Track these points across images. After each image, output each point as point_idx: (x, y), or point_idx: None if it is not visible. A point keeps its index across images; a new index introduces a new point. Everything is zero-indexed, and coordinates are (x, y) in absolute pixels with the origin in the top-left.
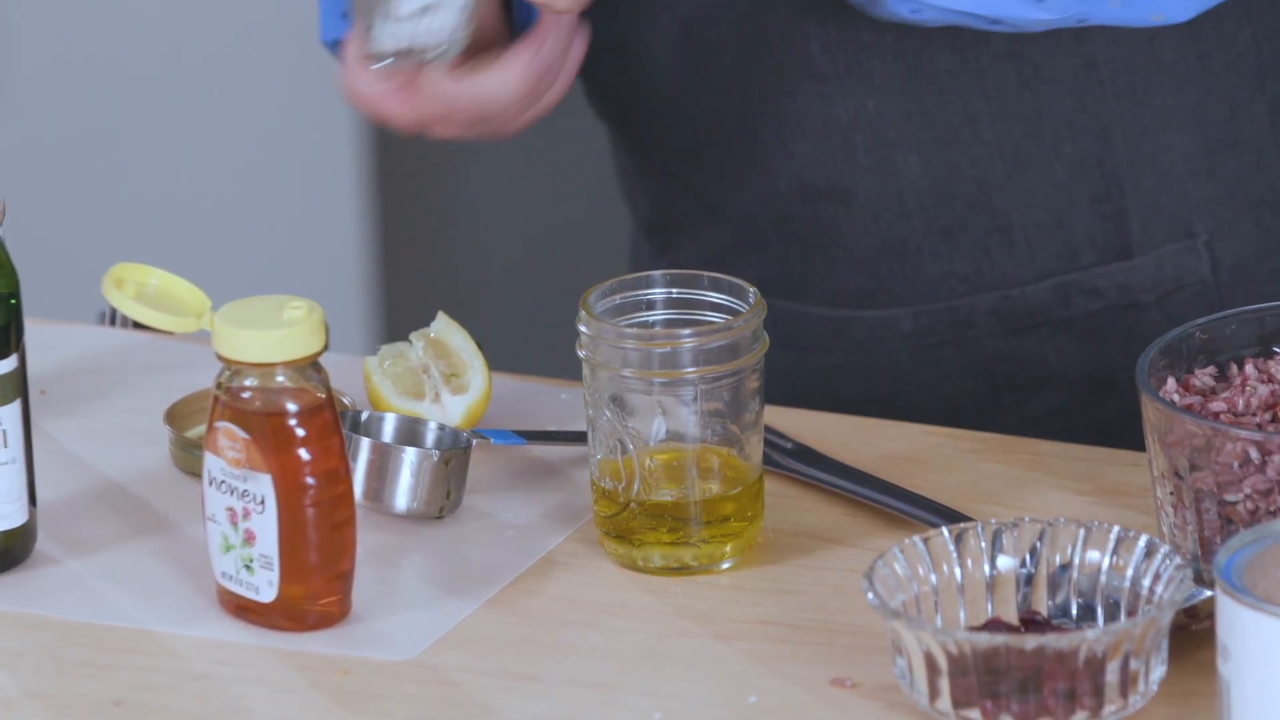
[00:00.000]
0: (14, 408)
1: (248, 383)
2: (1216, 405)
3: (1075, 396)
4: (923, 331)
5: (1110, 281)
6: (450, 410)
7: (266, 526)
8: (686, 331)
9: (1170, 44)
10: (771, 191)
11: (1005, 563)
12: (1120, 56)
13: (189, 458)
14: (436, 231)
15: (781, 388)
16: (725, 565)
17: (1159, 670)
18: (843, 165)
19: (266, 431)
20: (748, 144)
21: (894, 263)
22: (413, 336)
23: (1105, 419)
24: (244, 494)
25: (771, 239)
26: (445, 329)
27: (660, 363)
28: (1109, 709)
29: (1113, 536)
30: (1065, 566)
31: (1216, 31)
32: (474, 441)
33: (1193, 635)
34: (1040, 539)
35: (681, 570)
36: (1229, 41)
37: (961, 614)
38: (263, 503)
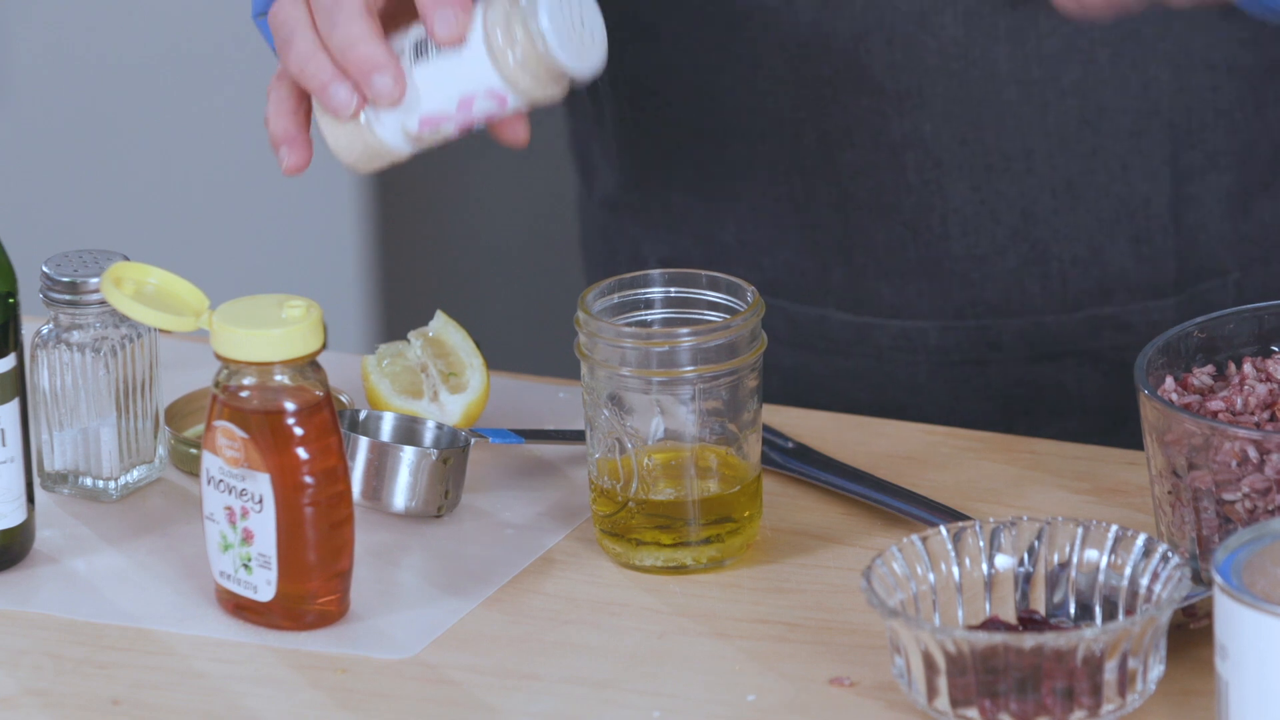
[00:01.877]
0: (12, 406)
1: (246, 382)
2: (1215, 404)
3: (1088, 427)
4: (948, 348)
5: (1142, 318)
6: (449, 409)
7: (265, 525)
8: (685, 330)
9: (1232, 93)
10: (805, 195)
11: (1003, 562)
12: (1182, 104)
13: (187, 457)
14: (435, 230)
15: (791, 388)
16: (724, 564)
17: (1157, 669)
18: (888, 181)
19: (265, 430)
20: (786, 143)
21: (924, 280)
22: (411, 335)
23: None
24: (242, 493)
25: (795, 239)
26: (444, 328)
27: (659, 362)
28: (1107, 708)
29: (1111, 535)
30: (1063, 565)
31: (1275, 82)
32: (472, 440)
33: (1191, 634)
34: (1038, 538)
35: (680, 569)
36: None
37: (960, 613)
38: (261, 502)
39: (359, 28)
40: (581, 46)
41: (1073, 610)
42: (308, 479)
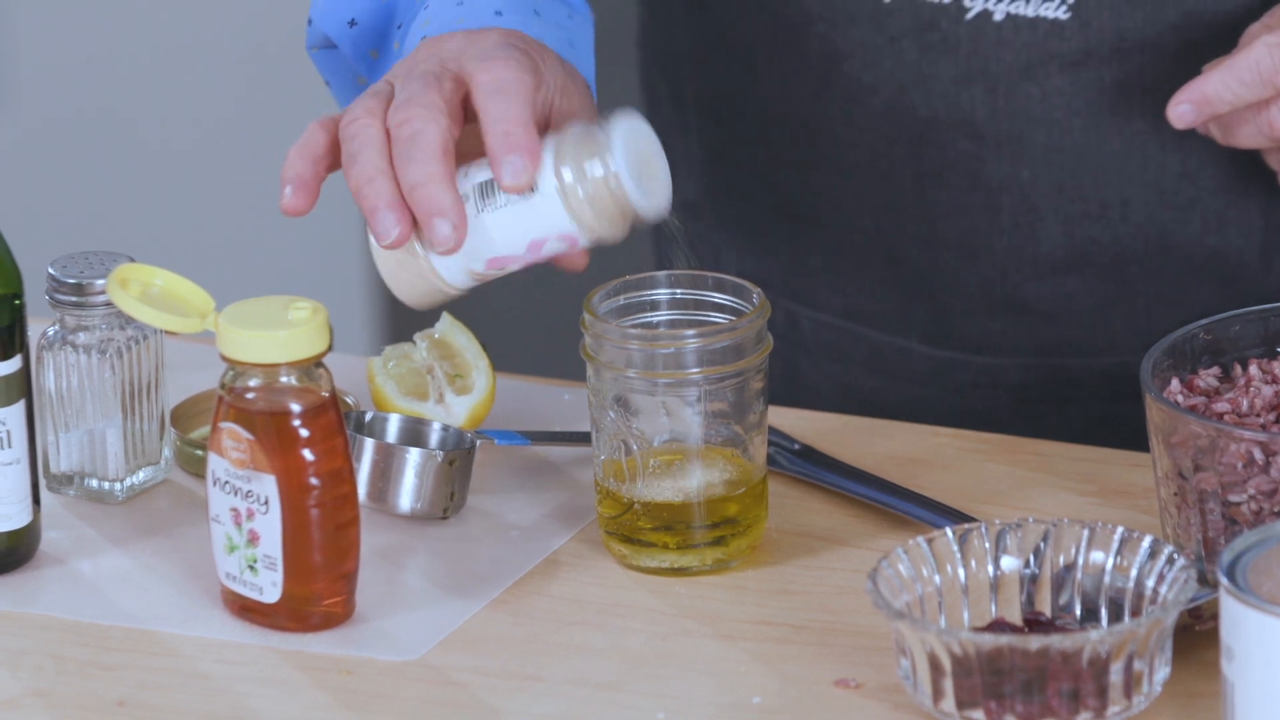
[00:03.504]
0: (18, 408)
1: (252, 383)
2: (1221, 406)
3: None
4: (1029, 385)
5: None
6: (454, 411)
7: (270, 527)
8: (690, 332)
9: None
10: (895, 230)
11: (1009, 563)
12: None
13: (193, 458)
14: None
15: (869, 411)
16: (729, 566)
17: (1163, 671)
18: (982, 222)
19: (271, 432)
20: (880, 180)
21: (1010, 318)
22: (417, 337)
23: None
24: (248, 494)
25: (880, 271)
26: (450, 329)
27: (664, 363)
28: (1113, 710)
29: (1117, 537)
30: (1069, 567)
31: None
32: (478, 442)
33: (1197, 636)
34: (1044, 540)
35: (685, 571)
36: None
37: (965, 615)
38: (267, 503)
39: (434, 168)
40: (652, 184)
41: (1078, 612)
42: (313, 480)
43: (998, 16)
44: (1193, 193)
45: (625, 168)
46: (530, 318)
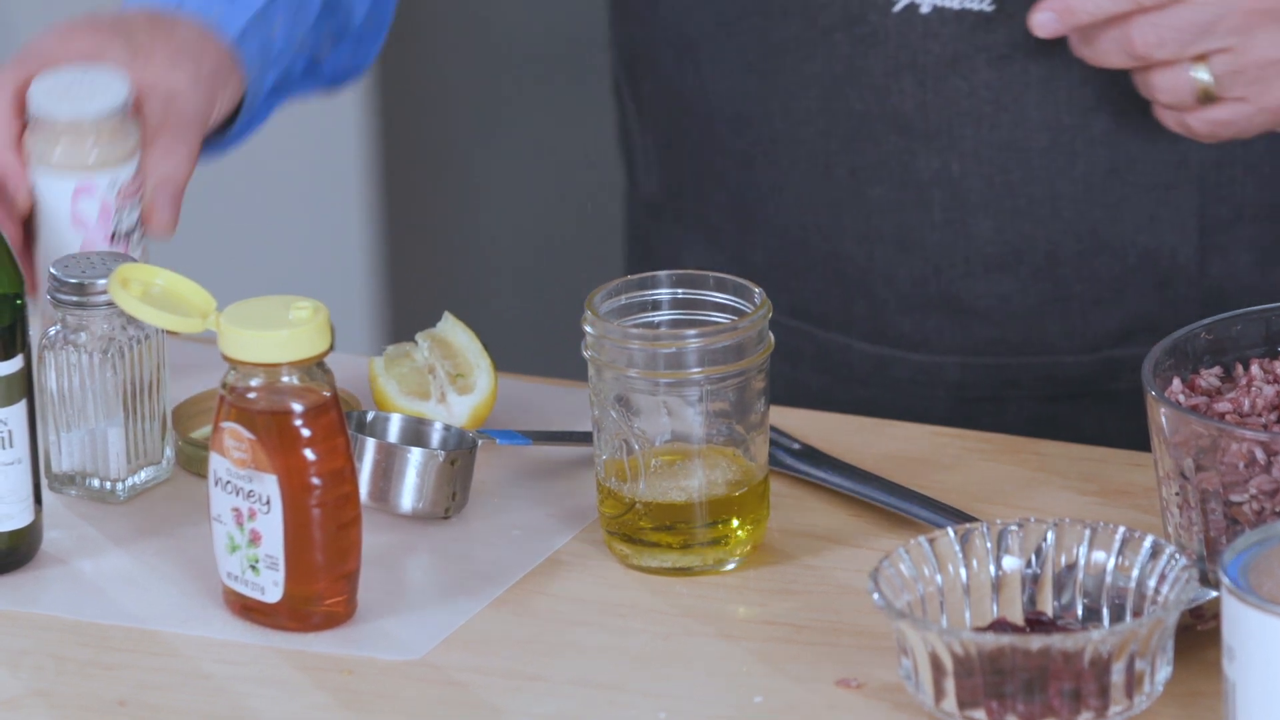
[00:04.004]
0: (19, 408)
1: (253, 383)
2: (1222, 406)
3: None
4: (967, 384)
5: None
6: (456, 410)
7: (272, 527)
8: (692, 332)
9: (1261, 147)
10: (833, 225)
11: (1010, 563)
12: (1212, 158)
13: (195, 458)
14: (442, 232)
15: (811, 408)
16: (730, 565)
17: (1164, 671)
18: (915, 217)
19: (272, 432)
20: (817, 175)
21: (946, 316)
22: (418, 337)
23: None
24: (249, 494)
25: (821, 268)
26: (451, 329)
27: (665, 363)
28: (1114, 709)
29: (1118, 537)
30: (1071, 567)
31: None
32: (479, 442)
33: (1198, 636)
34: (1045, 539)
35: (687, 570)
36: None
37: (967, 614)
38: (268, 503)
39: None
40: (90, 97)
41: (1080, 612)
42: (315, 480)
43: (924, 9)
44: (1122, 190)
45: (45, 98)
46: (532, 317)
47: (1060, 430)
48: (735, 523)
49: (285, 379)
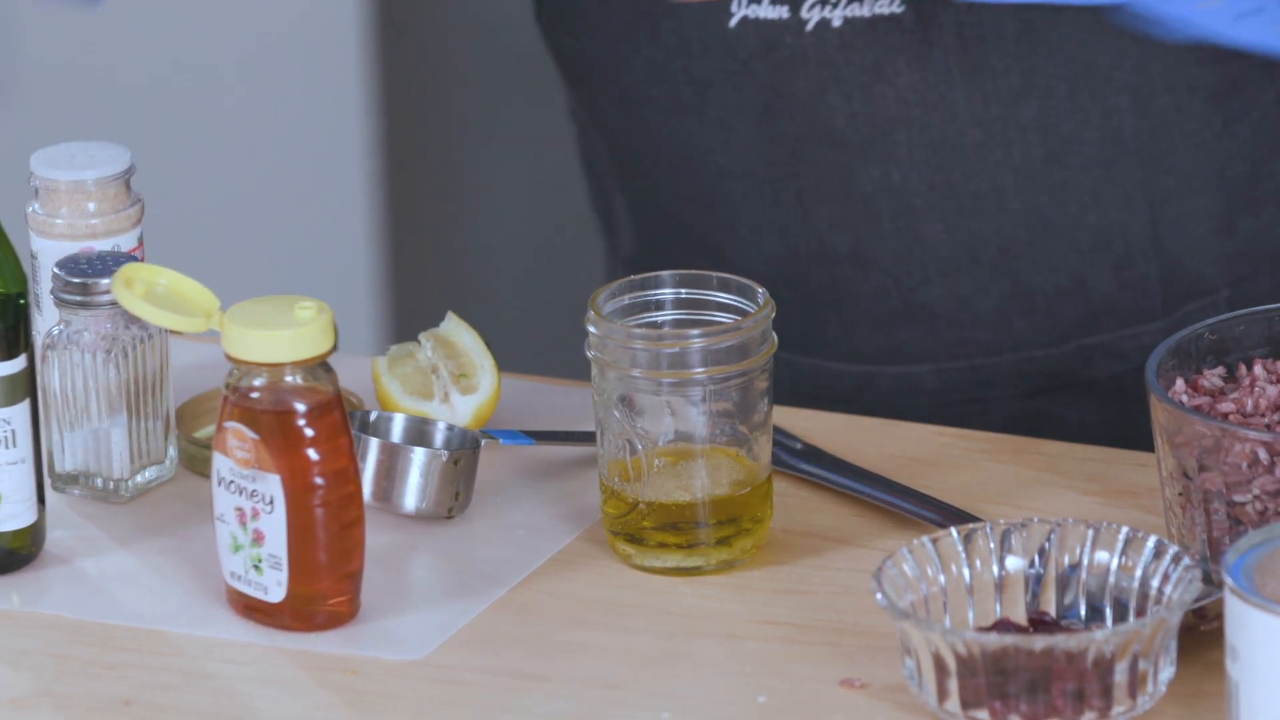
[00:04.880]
0: (23, 407)
1: (257, 383)
2: (1225, 406)
3: None
4: (946, 389)
5: (1134, 344)
6: (459, 410)
7: (275, 526)
8: (695, 332)
9: (1196, 113)
10: (789, 251)
11: (1014, 563)
12: (1147, 129)
13: (198, 457)
14: (446, 232)
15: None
16: (734, 565)
17: (1167, 671)
18: (865, 230)
19: (275, 431)
20: (766, 204)
21: (913, 325)
22: (422, 336)
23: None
24: (253, 494)
25: (785, 296)
26: (454, 329)
27: (669, 363)
28: (1117, 710)
29: (1121, 537)
30: (1074, 567)
31: (1240, 97)
32: (483, 441)
33: (1201, 636)
34: (1049, 539)
35: (690, 570)
36: (1252, 105)
37: (970, 614)
38: (271, 503)
39: None
40: (90, 164)
41: (1083, 612)
42: (318, 480)
43: (836, 23)
44: (1062, 173)
45: None
46: (535, 317)
47: (1044, 425)
48: (739, 523)
49: (289, 379)
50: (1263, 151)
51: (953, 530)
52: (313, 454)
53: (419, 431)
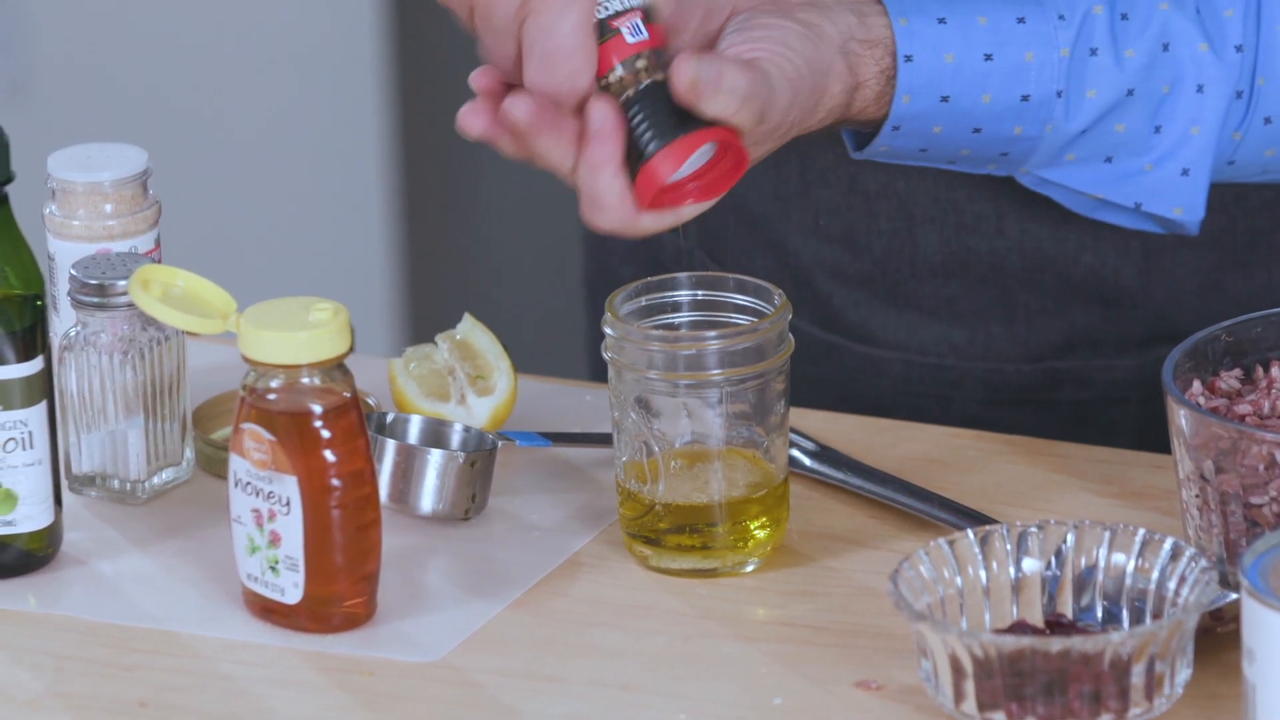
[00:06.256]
0: (40, 409)
1: (273, 384)
2: (1242, 408)
3: None
4: (911, 379)
5: (1104, 375)
6: (476, 412)
7: (292, 528)
8: (712, 333)
9: None
10: (782, 217)
11: (1030, 565)
12: None
13: (215, 459)
14: (463, 233)
15: None
16: (750, 567)
17: (1184, 673)
18: (861, 223)
19: (292, 433)
20: (769, 167)
21: (891, 313)
22: (438, 338)
23: None
24: (269, 495)
25: (769, 252)
26: (471, 331)
27: (685, 365)
28: (1134, 712)
29: (1138, 539)
30: (1091, 569)
31: None
32: (499, 443)
33: (1218, 638)
34: (1065, 541)
35: (706, 572)
36: (1268, 184)
37: (987, 616)
38: (288, 504)
39: None
40: (108, 166)
41: (1100, 614)
42: (335, 481)
43: None
44: (1064, 210)
45: None
46: (552, 319)
47: (1004, 434)
48: (755, 524)
49: (305, 380)
50: (1265, 224)
51: (969, 532)
52: (329, 455)
53: (435, 433)
